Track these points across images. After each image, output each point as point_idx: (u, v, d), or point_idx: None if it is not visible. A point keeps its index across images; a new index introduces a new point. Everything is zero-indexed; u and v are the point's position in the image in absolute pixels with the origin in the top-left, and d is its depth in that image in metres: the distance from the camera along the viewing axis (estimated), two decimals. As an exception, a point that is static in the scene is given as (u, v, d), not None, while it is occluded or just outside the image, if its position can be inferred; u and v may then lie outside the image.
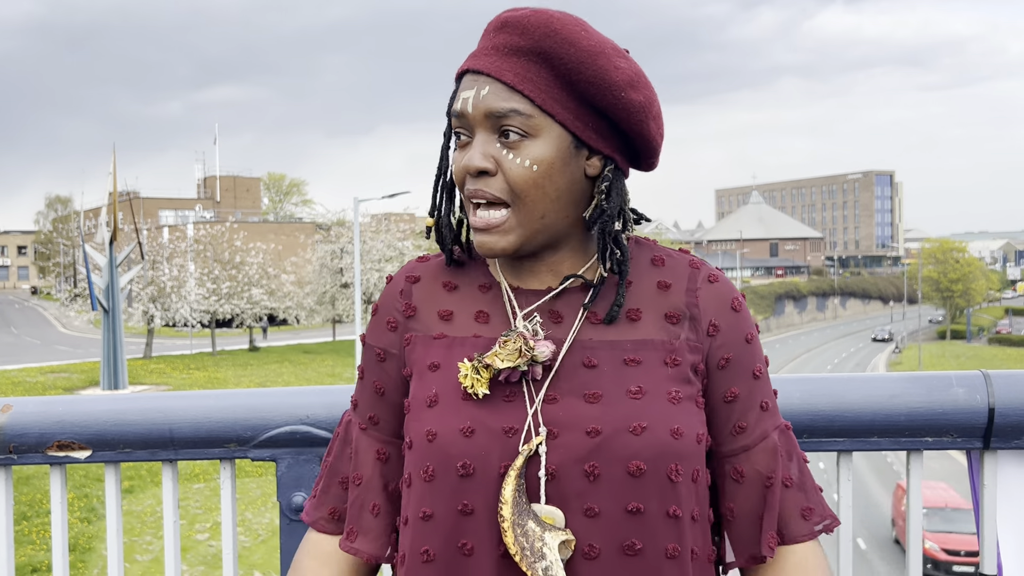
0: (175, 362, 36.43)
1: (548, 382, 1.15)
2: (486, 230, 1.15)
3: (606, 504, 1.10)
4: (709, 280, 1.22)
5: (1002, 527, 1.56)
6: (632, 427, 1.10)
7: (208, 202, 79.27)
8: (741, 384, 1.21)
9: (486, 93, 1.13)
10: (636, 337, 1.17)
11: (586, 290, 1.20)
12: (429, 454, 1.14)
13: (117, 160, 30.57)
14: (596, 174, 1.18)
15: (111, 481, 1.70)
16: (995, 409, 1.52)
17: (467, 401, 1.14)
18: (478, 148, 1.13)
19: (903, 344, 67.92)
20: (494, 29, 1.16)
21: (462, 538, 1.12)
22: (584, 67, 1.11)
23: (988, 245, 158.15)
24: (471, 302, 1.23)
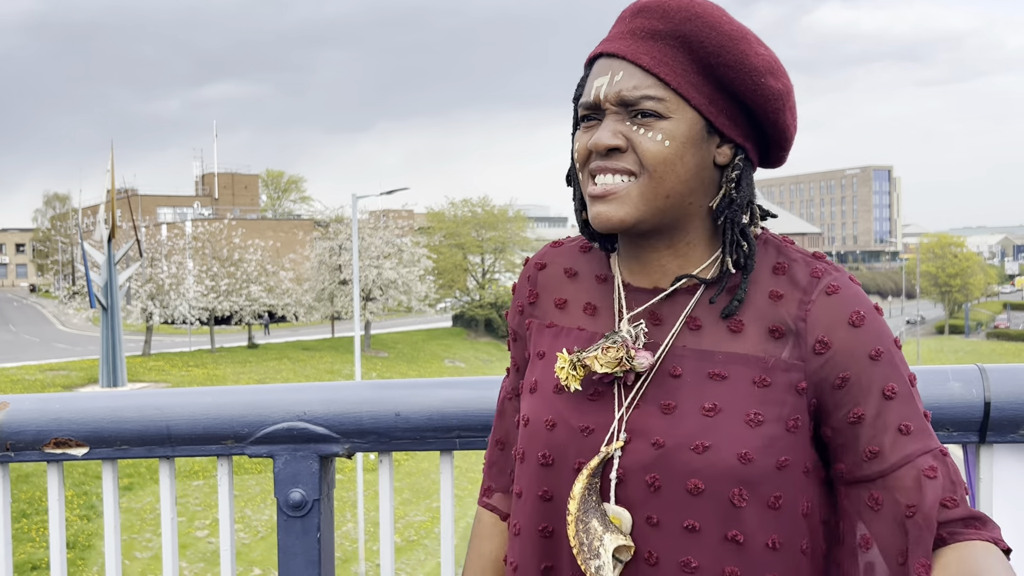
0: (174, 359, 36.42)
1: (637, 390, 1.15)
2: (603, 197, 1.11)
3: (665, 516, 1.10)
4: (827, 292, 1.13)
5: (998, 520, 1.56)
6: (694, 445, 1.08)
7: (206, 199, 79.20)
8: (867, 405, 1.10)
9: (620, 79, 1.11)
10: (730, 350, 1.12)
11: (692, 293, 1.16)
12: (523, 437, 1.21)
13: (115, 157, 30.58)
14: (726, 163, 1.15)
15: (108, 478, 1.70)
16: (991, 403, 1.52)
17: (557, 394, 1.18)
18: (607, 127, 1.11)
19: (901, 339, 67.82)
20: (631, 14, 1.15)
21: (542, 521, 1.18)
22: (725, 51, 1.10)
23: (986, 240, 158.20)
24: (585, 293, 1.25)
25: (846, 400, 1.11)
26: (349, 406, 1.64)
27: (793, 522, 1.10)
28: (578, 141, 1.16)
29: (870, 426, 1.10)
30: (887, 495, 1.09)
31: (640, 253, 1.18)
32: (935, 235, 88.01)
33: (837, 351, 1.11)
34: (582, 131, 1.16)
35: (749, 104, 1.13)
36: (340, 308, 42.83)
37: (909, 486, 1.07)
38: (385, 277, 41.08)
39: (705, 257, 1.17)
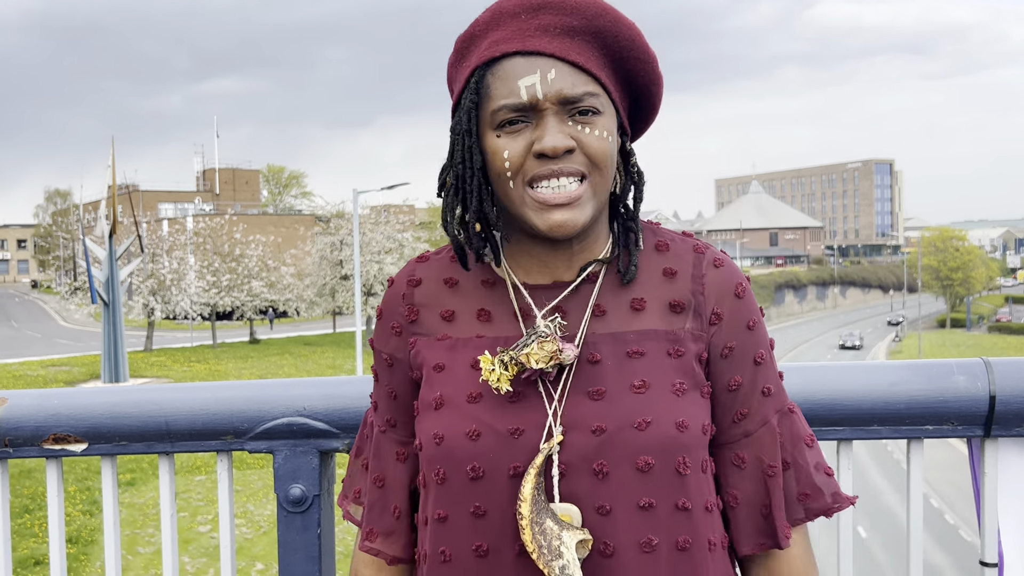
0: (176, 355, 36.45)
1: (562, 381, 1.13)
2: (567, 204, 1.10)
3: (617, 501, 1.09)
4: (715, 265, 1.21)
5: (1003, 515, 1.55)
6: (637, 423, 1.10)
7: (207, 195, 79.19)
8: (744, 372, 1.19)
9: (554, 77, 1.09)
10: (639, 328, 1.15)
11: (591, 282, 1.18)
12: (438, 457, 1.14)
13: (116, 153, 30.53)
14: (621, 149, 1.19)
15: (108, 474, 1.69)
16: (996, 397, 1.51)
17: (473, 403, 1.14)
18: (555, 129, 1.09)
19: (903, 332, 67.94)
20: (530, 10, 1.12)
21: (476, 540, 1.12)
22: (634, 44, 1.14)
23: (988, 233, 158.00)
24: (473, 300, 1.21)
25: (729, 369, 1.18)
26: (349, 401, 1.63)
27: (712, 483, 1.18)
28: (508, 146, 1.11)
29: (743, 392, 1.19)
30: (750, 454, 1.19)
31: (542, 253, 1.17)
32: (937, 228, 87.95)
33: (726, 322, 1.18)
34: (508, 136, 1.11)
35: (644, 93, 1.19)
36: (341, 303, 42.84)
37: (768, 444, 1.18)
38: (386, 272, 41.03)
39: (604, 244, 1.20)
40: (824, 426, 1.55)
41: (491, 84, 1.12)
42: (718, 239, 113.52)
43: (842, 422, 1.54)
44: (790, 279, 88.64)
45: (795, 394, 1.54)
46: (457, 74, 1.19)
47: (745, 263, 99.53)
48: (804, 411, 1.54)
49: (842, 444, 1.59)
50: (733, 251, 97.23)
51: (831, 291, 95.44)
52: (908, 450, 1.59)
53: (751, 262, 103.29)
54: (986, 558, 1.56)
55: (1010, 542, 1.55)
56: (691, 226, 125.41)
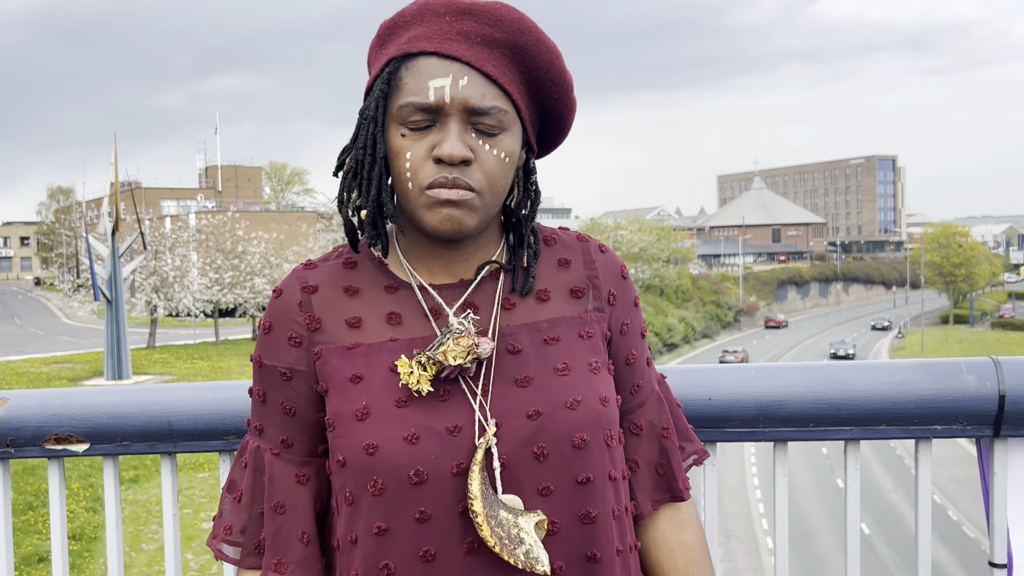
0: (179, 352, 36.49)
1: (484, 374, 1.14)
2: (457, 204, 1.10)
3: (558, 480, 1.12)
4: (601, 251, 1.28)
5: (1012, 515, 1.54)
6: (568, 402, 1.13)
7: (210, 192, 79.19)
8: (636, 346, 1.28)
9: (465, 84, 1.10)
10: (549, 316, 1.20)
11: (495, 278, 1.21)
12: (373, 468, 1.10)
13: (118, 150, 30.56)
14: (520, 165, 1.22)
15: (110, 474, 1.68)
16: (1006, 396, 1.50)
17: (403, 407, 1.11)
18: (456, 138, 1.09)
19: (906, 329, 67.87)
20: (456, 13, 1.12)
21: (423, 545, 1.09)
22: (552, 66, 1.16)
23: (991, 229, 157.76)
24: (379, 304, 1.19)
25: (626, 344, 1.26)
26: (352, 401, 1.61)
27: (623, 453, 1.23)
28: (411, 147, 1.11)
29: (638, 364, 1.27)
30: (645, 420, 1.27)
31: (443, 252, 1.19)
32: (940, 225, 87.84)
33: (619, 301, 1.26)
34: (412, 137, 1.11)
35: (555, 115, 1.21)
36: (344, 300, 42.82)
37: (656, 410, 1.28)
38: (389, 269, 41.06)
39: (497, 244, 1.24)
40: (831, 426, 1.53)
41: (403, 78, 1.12)
42: (720, 235, 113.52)
43: (849, 422, 1.53)
44: (793, 275, 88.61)
45: (803, 394, 1.53)
46: (376, 59, 1.18)
47: (748, 259, 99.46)
48: (811, 410, 1.54)
49: (849, 444, 1.58)
50: (735, 247, 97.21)
51: (834, 287, 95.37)
52: (916, 450, 1.57)
53: (753, 258, 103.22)
54: (995, 559, 1.55)
55: (1020, 543, 1.53)
56: (693, 222, 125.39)
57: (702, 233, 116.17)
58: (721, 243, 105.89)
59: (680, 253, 68.09)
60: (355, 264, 1.23)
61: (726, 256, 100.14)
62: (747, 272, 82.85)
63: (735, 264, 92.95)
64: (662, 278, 61.27)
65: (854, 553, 1.60)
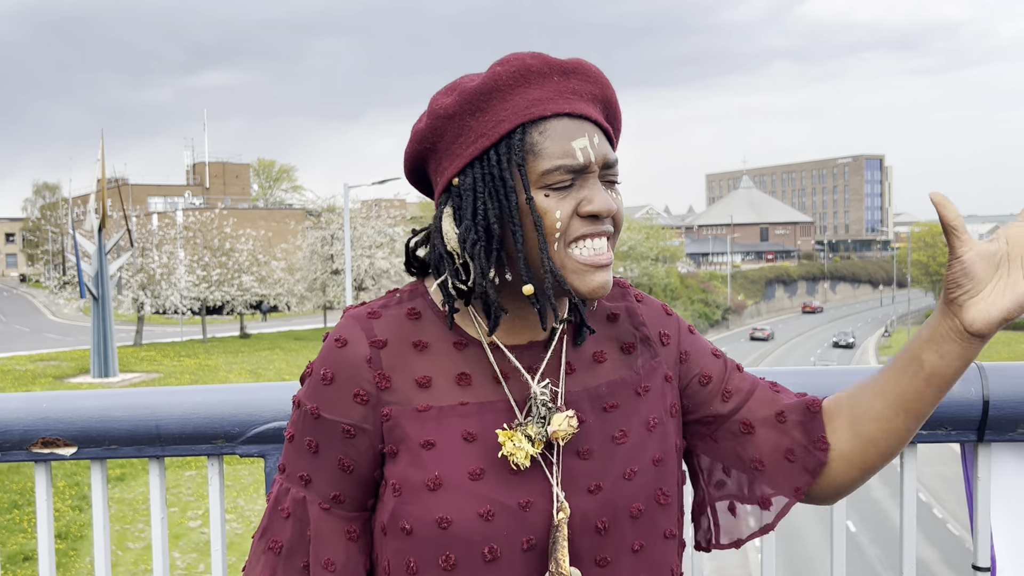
0: (166, 349, 36.34)
1: (558, 449, 1.13)
2: (606, 266, 1.10)
3: (615, 550, 1.13)
4: (638, 299, 1.28)
5: (996, 519, 1.55)
6: (626, 473, 1.14)
7: (197, 188, 78.89)
8: (708, 365, 1.27)
9: (598, 142, 1.11)
10: (606, 378, 1.19)
11: (550, 340, 1.18)
12: (446, 543, 1.07)
13: (106, 146, 30.43)
14: None
15: (97, 478, 1.68)
16: (989, 401, 1.51)
17: (476, 481, 1.08)
18: (603, 192, 1.10)
19: (893, 328, 68.22)
20: (561, 73, 1.11)
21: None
22: (620, 116, 1.20)
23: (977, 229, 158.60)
24: (448, 363, 1.14)
25: (692, 368, 1.26)
26: (341, 405, 1.61)
27: (681, 489, 1.24)
28: (559, 207, 1.07)
29: (716, 378, 1.27)
30: (752, 416, 1.25)
31: (518, 309, 1.14)
32: (926, 224, 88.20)
33: (672, 338, 1.27)
34: (557, 196, 1.08)
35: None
36: (332, 298, 42.78)
37: (768, 400, 1.25)
38: (377, 267, 41.04)
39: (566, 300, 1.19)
40: (818, 430, 1.54)
41: (539, 142, 1.08)
42: (709, 234, 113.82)
43: (836, 426, 1.54)
44: (780, 274, 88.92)
45: (789, 398, 1.54)
46: (473, 126, 1.11)
47: (736, 258, 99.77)
48: (798, 415, 1.55)
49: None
50: (724, 246, 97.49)
51: (821, 286, 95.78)
52: (901, 455, 1.59)
53: (741, 257, 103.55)
54: (979, 562, 1.57)
55: (1003, 546, 1.55)
56: (682, 221, 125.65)
57: (690, 232, 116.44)
58: (709, 242, 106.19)
59: (669, 252, 68.22)
60: (419, 315, 1.17)
61: (714, 255, 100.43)
62: (735, 271, 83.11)
63: (723, 263, 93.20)
64: (651, 277, 61.37)
65: (840, 557, 1.61)
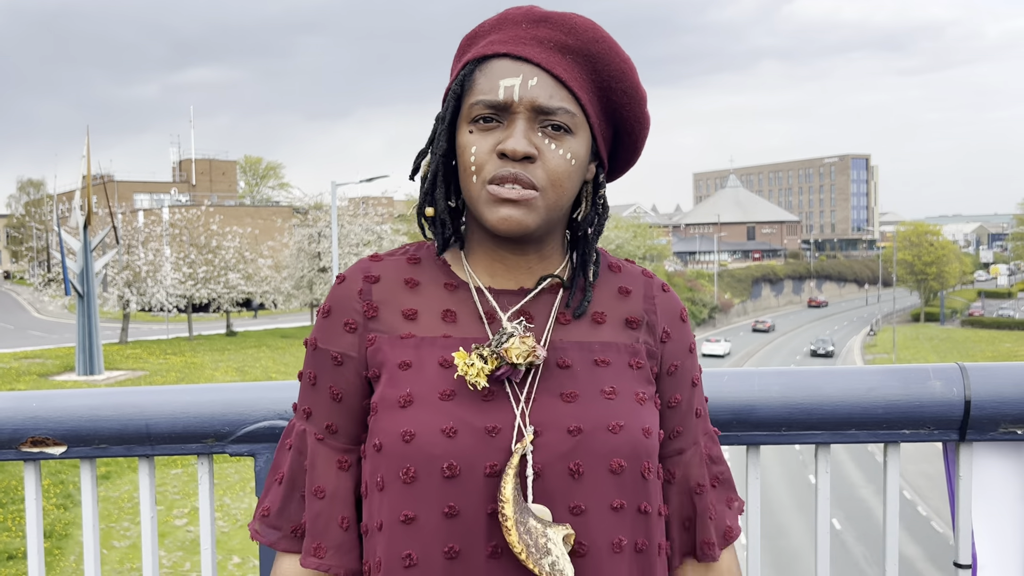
0: (151, 347, 36.14)
1: (529, 383, 1.14)
2: (517, 202, 1.11)
3: (591, 501, 1.11)
4: (663, 290, 1.29)
5: (977, 518, 1.58)
6: (611, 425, 1.13)
7: (183, 185, 78.44)
8: (683, 391, 1.27)
9: (535, 84, 1.12)
10: (602, 339, 1.20)
11: (554, 291, 1.22)
12: (408, 455, 1.11)
13: (91, 143, 30.22)
14: (589, 179, 1.22)
15: (87, 477, 1.68)
16: (971, 401, 1.53)
17: (446, 400, 1.12)
18: (521, 134, 1.11)
19: (878, 327, 68.59)
20: (531, 21, 1.15)
21: (448, 541, 1.10)
22: (624, 77, 1.16)
23: (962, 228, 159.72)
24: (436, 300, 1.21)
25: (672, 386, 1.26)
26: (331, 404, 1.62)
27: (661, 488, 1.23)
28: (476, 142, 1.13)
29: (681, 410, 1.26)
30: (680, 471, 1.26)
31: (507, 256, 1.20)
32: (912, 223, 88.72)
33: (673, 341, 1.26)
34: (479, 131, 1.13)
35: (626, 129, 1.21)
36: (319, 296, 42.63)
37: (696, 464, 1.27)
38: (365, 264, 40.83)
39: (561, 259, 1.25)
40: (803, 430, 1.56)
41: (477, 79, 1.15)
42: (696, 233, 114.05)
43: (821, 426, 1.56)
44: (767, 273, 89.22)
45: (775, 398, 1.56)
46: (454, 68, 1.22)
47: (723, 256, 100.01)
48: (783, 415, 1.57)
49: (820, 448, 1.61)
50: (711, 245, 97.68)
51: (807, 285, 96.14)
52: (885, 454, 1.61)
53: (728, 256, 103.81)
54: (960, 560, 1.59)
55: (984, 544, 1.57)
56: (669, 220, 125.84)
57: (678, 230, 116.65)
58: (696, 240, 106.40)
59: (656, 250, 68.36)
60: (419, 261, 1.25)
61: (701, 253, 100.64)
62: (722, 269, 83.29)
63: (710, 261, 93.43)
64: (638, 275, 61.33)
65: (824, 555, 1.63)
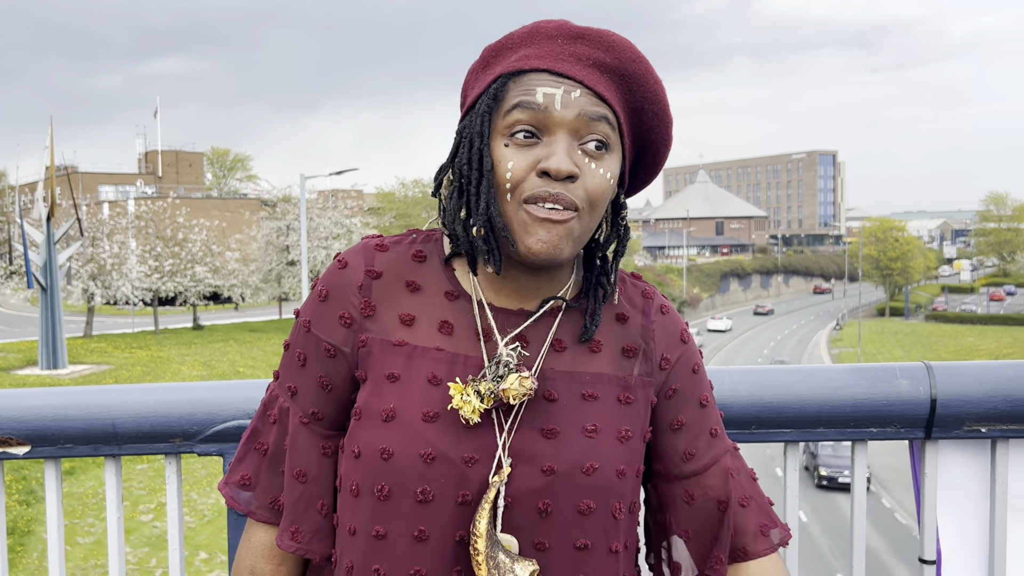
0: (116, 341, 35.68)
1: (516, 415, 1.13)
2: (556, 223, 1.06)
3: (556, 539, 1.11)
4: (662, 311, 1.24)
5: (942, 514, 1.60)
6: (585, 467, 1.12)
7: (149, 177, 77.49)
8: (688, 413, 1.23)
9: (578, 95, 1.07)
10: (594, 370, 1.17)
11: (554, 314, 1.18)
12: (383, 473, 1.10)
13: (54, 133, 29.75)
14: (614, 199, 1.18)
15: (51, 477, 1.65)
16: (937, 400, 1.56)
17: (428, 423, 1.10)
18: (564, 151, 1.06)
19: (844, 321, 69.43)
20: (568, 37, 1.10)
21: (415, 564, 1.10)
22: (657, 98, 1.13)
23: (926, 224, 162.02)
24: (436, 309, 1.16)
25: (672, 409, 1.22)
26: (301, 403, 1.60)
27: (635, 524, 1.21)
28: (513, 157, 1.07)
29: (689, 431, 1.22)
30: (699, 491, 1.23)
31: (519, 276, 1.15)
32: (877, 219, 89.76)
33: (672, 366, 1.22)
34: (516, 146, 1.07)
35: (652, 150, 1.18)
36: (288, 289, 42.34)
37: (718, 483, 1.23)
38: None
39: (568, 279, 1.20)
40: (771, 428, 1.58)
41: (511, 91, 1.09)
42: (665, 227, 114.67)
43: (789, 424, 1.58)
44: (735, 267, 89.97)
45: (744, 397, 1.57)
46: (478, 80, 1.15)
47: (692, 251, 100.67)
48: (753, 413, 1.58)
49: (789, 445, 1.63)
50: (680, 239, 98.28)
51: (775, 279, 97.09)
52: (852, 451, 1.63)
53: (697, 250, 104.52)
54: (925, 555, 1.61)
55: (948, 540, 1.60)
56: (639, 214, 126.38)
57: (648, 225, 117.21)
58: (666, 235, 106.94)
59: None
60: (424, 259, 1.19)
61: (671, 248, 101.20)
62: (691, 264, 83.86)
63: (679, 256, 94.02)
64: (607, 269, 61.57)
65: (792, 549, 1.65)
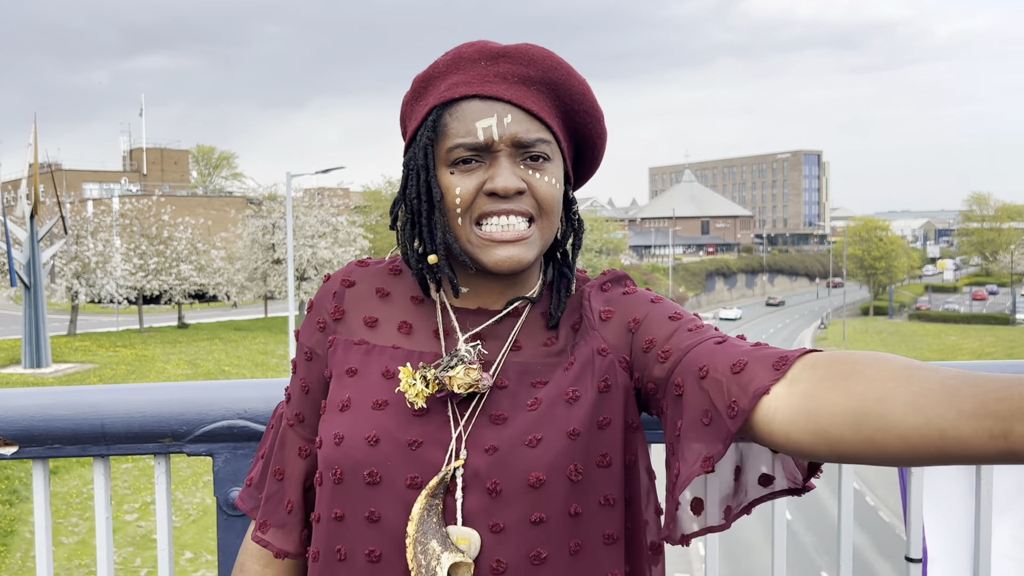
0: (101, 339, 35.45)
1: (472, 406, 1.15)
2: (515, 241, 1.14)
3: (510, 518, 1.11)
4: (602, 289, 1.24)
5: (928, 513, 1.62)
6: (527, 440, 1.12)
7: (134, 175, 77.00)
8: (657, 331, 1.15)
9: (510, 121, 1.14)
10: (544, 360, 1.20)
11: (518, 314, 1.23)
12: (336, 458, 1.16)
13: (38, 130, 29.51)
14: (563, 197, 1.24)
15: (39, 478, 1.65)
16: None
17: (379, 410, 1.16)
18: (508, 169, 1.14)
19: (828, 320, 69.81)
20: (489, 58, 1.17)
21: (370, 544, 1.14)
22: (584, 98, 1.20)
23: (910, 224, 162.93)
24: (399, 312, 1.25)
25: (639, 337, 1.17)
26: (291, 403, 1.61)
27: (615, 476, 1.15)
28: (460, 183, 1.14)
29: (663, 342, 1.13)
30: (684, 375, 1.07)
31: (482, 280, 1.21)
32: (861, 219, 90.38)
33: (625, 310, 1.20)
34: (461, 173, 1.15)
35: (589, 145, 1.25)
36: (273, 288, 42.18)
37: (703, 354, 1.07)
38: (320, 256, 40.55)
39: (533, 283, 1.25)
40: (760, 428, 1.58)
41: (448, 123, 1.16)
42: (651, 227, 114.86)
43: (778, 424, 1.58)
44: (720, 267, 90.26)
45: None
46: (413, 111, 1.22)
47: (677, 250, 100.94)
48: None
49: (777, 445, 1.63)
50: (666, 239, 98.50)
51: (760, 279, 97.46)
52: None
53: (683, 249, 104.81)
54: (912, 554, 1.63)
55: (934, 539, 1.62)
56: (625, 214, 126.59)
57: (634, 224, 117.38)
58: (652, 234, 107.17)
59: (612, 244, 68.74)
60: (400, 272, 1.29)
61: (657, 247, 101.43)
62: (677, 263, 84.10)
63: (665, 255, 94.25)
64: (594, 268, 61.81)
65: (780, 549, 1.66)
